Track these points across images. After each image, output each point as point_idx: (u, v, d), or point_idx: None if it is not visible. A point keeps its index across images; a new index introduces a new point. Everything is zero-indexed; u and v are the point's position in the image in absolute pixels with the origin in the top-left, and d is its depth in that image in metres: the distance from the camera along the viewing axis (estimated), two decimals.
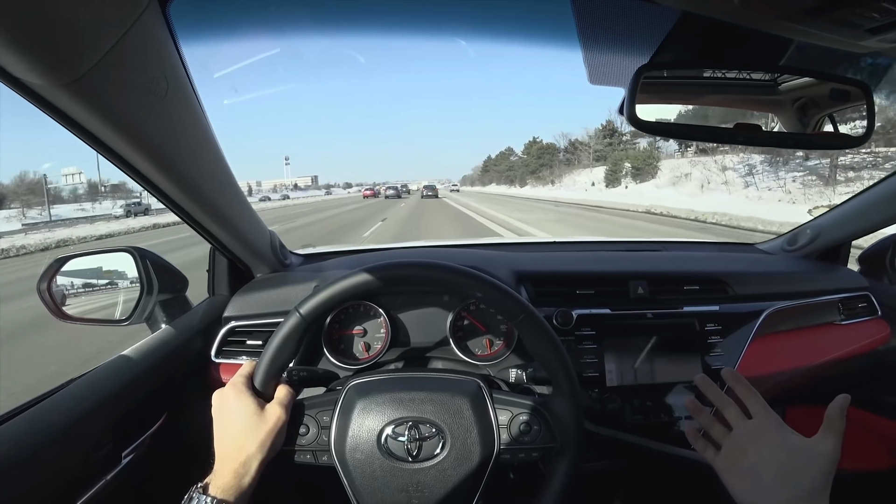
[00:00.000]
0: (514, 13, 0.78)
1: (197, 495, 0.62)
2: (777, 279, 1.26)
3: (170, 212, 0.90)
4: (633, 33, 0.73)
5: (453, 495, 0.70)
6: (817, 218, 1.40)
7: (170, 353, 1.00)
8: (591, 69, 0.81)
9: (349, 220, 19.79)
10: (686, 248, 1.61)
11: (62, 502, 0.73)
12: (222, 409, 0.70)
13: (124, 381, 0.89)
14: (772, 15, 0.61)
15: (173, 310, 1.10)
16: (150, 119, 0.64)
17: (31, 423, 0.74)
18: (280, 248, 1.25)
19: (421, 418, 0.71)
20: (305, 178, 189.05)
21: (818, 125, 0.85)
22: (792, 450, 0.64)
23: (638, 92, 0.68)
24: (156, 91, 0.61)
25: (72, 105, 0.56)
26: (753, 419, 0.69)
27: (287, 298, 1.09)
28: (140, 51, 0.56)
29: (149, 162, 0.71)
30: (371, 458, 0.70)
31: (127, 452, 0.87)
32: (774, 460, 0.64)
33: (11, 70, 0.49)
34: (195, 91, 0.70)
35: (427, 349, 1.05)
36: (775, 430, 0.66)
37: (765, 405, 0.69)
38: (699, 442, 0.73)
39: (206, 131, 0.77)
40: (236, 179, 0.94)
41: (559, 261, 1.26)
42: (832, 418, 0.64)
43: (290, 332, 0.71)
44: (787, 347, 1.19)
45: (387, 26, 0.88)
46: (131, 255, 1.07)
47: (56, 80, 0.51)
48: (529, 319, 0.72)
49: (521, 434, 0.72)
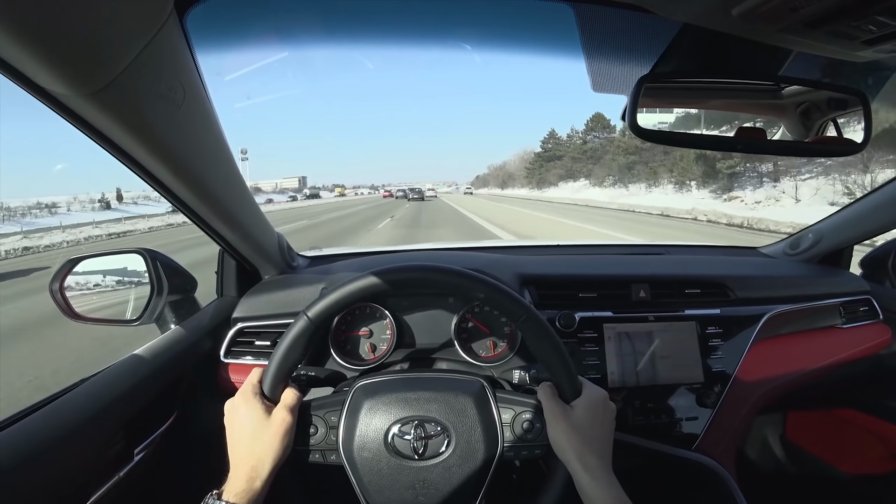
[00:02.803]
0: (520, 24, 0.79)
1: (212, 501, 0.64)
2: (778, 283, 1.27)
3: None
4: (634, 44, 0.74)
5: (458, 492, 0.71)
6: (819, 222, 1.41)
7: (180, 352, 1.02)
8: (594, 77, 0.83)
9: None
10: (688, 251, 1.62)
11: (76, 499, 0.75)
12: (233, 417, 0.72)
13: (136, 379, 0.91)
14: (770, 27, 0.62)
15: (183, 310, 1.12)
16: (167, 126, 0.66)
17: (47, 420, 0.76)
18: (287, 251, 1.27)
19: (426, 417, 0.73)
20: (291, 180, 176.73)
21: (819, 132, 0.87)
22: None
23: (639, 101, 0.69)
24: (173, 99, 0.63)
25: (94, 113, 0.58)
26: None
27: (295, 300, 1.11)
28: (160, 61, 0.58)
29: (164, 166, 0.73)
30: (378, 457, 0.72)
31: (139, 450, 0.89)
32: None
33: (38, 80, 0.51)
34: (209, 98, 0.72)
35: (432, 351, 1.07)
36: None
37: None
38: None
39: (219, 136, 0.79)
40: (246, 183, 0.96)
41: (562, 264, 1.28)
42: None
43: (299, 335, 0.72)
44: (789, 351, 1.20)
45: (395, 34, 0.90)
46: (142, 257, 1.09)
47: (80, 90, 0.53)
48: (531, 320, 0.73)
49: (525, 432, 0.73)
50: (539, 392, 0.75)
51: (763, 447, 1.54)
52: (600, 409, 0.73)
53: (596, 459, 0.68)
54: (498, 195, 62.59)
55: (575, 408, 0.72)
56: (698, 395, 1.10)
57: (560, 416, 0.71)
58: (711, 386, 1.10)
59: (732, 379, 1.11)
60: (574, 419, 0.71)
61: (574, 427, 0.70)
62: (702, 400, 1.09)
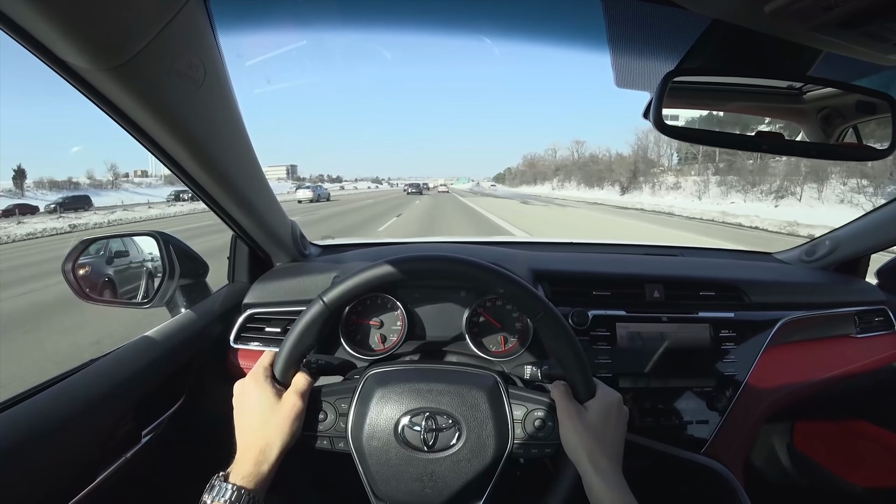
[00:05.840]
0: (544, 13, 0.78)
1: (219, 483, 0.64)
2: (794, 289, 1.26)
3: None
4: (661, 38, 0.73)
5: (466, 486, 0.71)
6: (837, 229, 1.39)
7: (190, 336, 1.02)
8: (618, 72, 0.81)
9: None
10: (702, 254, 1.60)
11: (84, 477, 0.75)
12: (243, 400, 0.72)
13: (146, 361, 0.91)
14: (802, 26, 0.61)
15: (193, 295, 1.13)
16: (186, 105, 0.66)
17: (57, 398, 0.76)
18: (301, 238, 1.27)
19: (438, 409, 0.72)
20: (278, 169, 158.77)
21: (842, 136, 0.85)
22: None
23: (665, 98, 0.68)
24: (194, 78, 0.63)
25: (114, 88, 0.58)
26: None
27: (306, 288, 1.10)
28: (182, 38, 0.58)
29: (182, 147, 0.73)
30: (387, 447, 0.71)
31: (146, 432, 0.89)
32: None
33: (59, 52, 0.51)
34: (229, 79, 0.72)
35: (442, 344, 1.06)
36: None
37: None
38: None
39: (237, 119, 0.78)
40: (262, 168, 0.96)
41: (576, 261, 1.27)
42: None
43: (313, 320, 0.72)
44: (801, 358, 1.19)
45: (414, 24, 0.89)
46: (155, 240, 1.09)
47: (102, 64, 0.53)
48: (548, 317, 0.73)
49: (536, 430, 0.73)
50: (552, 390, 0.74)
51: (770, 455, 1.52)
52: (614, 411, 0.72)
53: (607, 461, 0.67)
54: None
55: (589, 408, 0.71)
56: (709, 399, 1.08)
57: (574, 416, 0.70)
58: (723, 390, 1.09)
59: (744, 384, 1.09)
60: (587, 420, 0.70)
61: (587, 427, 0.69)
62: (712, 404, 1.08)
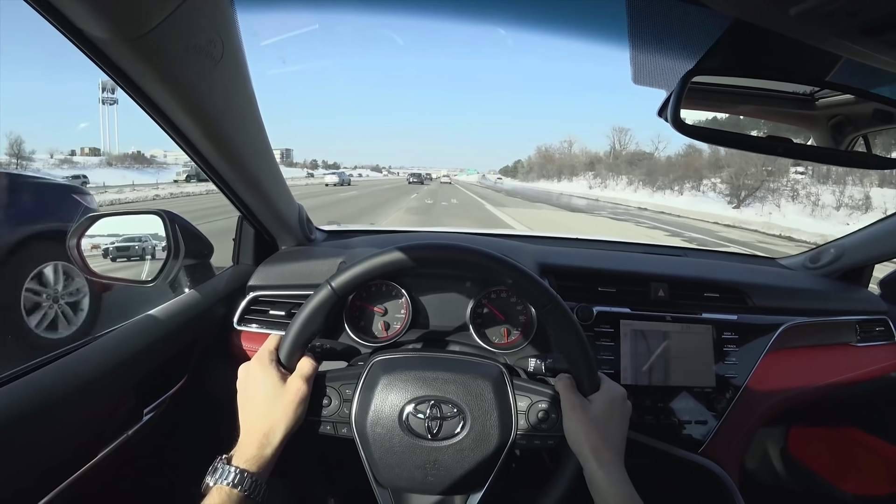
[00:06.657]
0: (564, 4, 0.77)
1: (221, 465, 0.64)
2: (797, 295, 1.26)
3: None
4: (682, 36, 0.73)
5: (468, 476, 0.71)
6: (842, 238, 1.39)
7: (194, 316, 1.02)
8: (636, 69, 0.81)
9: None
10: (707, 256, 1.61)
11: (86, 452, 0.75)
12: (247, 382, 0.72)
13: (150, 340, 0.91)
14: (826, 31, 0.61)
15: (197, 275, 1.12)
16: (202, 81, 0.65)
17: (61, 373, 0.76)
18: (307, 223, 1.27)
19: (443, 398, 0.73)
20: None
21: (853, 144, 0.85)
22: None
23: (684, 97, 0.68)
24: (212, 53, 0.62)
25: (131, 61, 0.57)
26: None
27: (312, 272, 1.10)
28: (203, 12, 0.57)
29: (194, 123, 0.72)
30: (391, 434, 0.72)
31: (149, 410, 0.89)
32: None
33: (78, 21, 0.50)
34: (245, 58, 0.71)
35: (446, 333, 1.06)
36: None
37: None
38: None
39: (251, 98, 0.78)
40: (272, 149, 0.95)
41: (582, 257, 1.27)
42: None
43: (320, 305, 0.72)
44: (801, 363, 1.19)
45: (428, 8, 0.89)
46: (161, 219, 1.08)
47: (121, 35, 0.52)
48: (556, 310, 0.73)
49: (539, 421, 0.73)
50: (557, 383, 0.75)
51: (763, 459, 1.53)
52: (618, 405, 0.73)
53: (610, 455, 0.67)
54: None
55: (593, 402, 0.72)
56: (708, 400, 1.09)
57: (578, 409, 0.70)
58: (722, 392, 1.09)
59: (743, 387, 1.10)
60: (592, 413, 0.70)
61: (591, 420, 0.69)
62: (712, 405, 1.09)
